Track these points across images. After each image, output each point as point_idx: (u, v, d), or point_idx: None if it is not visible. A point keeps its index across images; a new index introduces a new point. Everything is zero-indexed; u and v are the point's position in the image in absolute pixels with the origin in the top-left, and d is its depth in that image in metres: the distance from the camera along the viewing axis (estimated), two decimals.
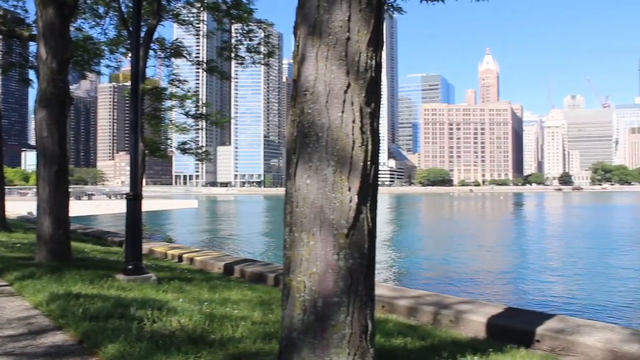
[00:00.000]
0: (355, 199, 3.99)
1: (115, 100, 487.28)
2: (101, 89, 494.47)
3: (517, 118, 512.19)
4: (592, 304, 24.48)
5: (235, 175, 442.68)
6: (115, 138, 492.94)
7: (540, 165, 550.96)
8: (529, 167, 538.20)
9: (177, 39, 25.68)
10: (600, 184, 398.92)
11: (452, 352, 7.02)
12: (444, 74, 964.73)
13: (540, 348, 8.56)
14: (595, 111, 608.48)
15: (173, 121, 28.90)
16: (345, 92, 4.01)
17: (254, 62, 25.12)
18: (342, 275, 3.97)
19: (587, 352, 8.21)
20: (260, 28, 24.55)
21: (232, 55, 24.38)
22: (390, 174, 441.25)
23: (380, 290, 11.50)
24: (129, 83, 11.96)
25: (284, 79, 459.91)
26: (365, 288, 4.14)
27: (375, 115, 4.18)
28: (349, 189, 3.98)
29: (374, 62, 4.15)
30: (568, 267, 35.77)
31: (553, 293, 27.26)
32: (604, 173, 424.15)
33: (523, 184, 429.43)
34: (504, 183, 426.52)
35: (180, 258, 17.53)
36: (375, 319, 5.27)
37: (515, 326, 9.25)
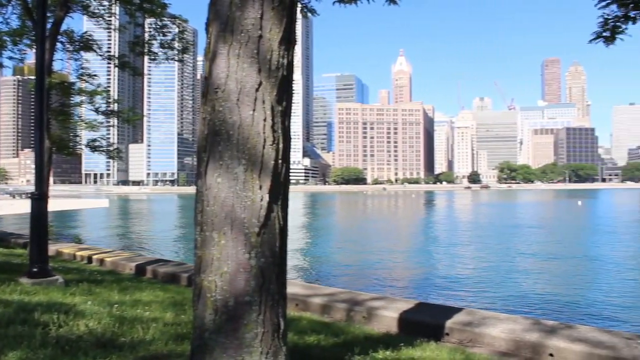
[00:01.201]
0: (267, 197, 3.98)
1: (20, 94, 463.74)
2: (4, 82, 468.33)
3: (428, 118, 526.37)
4: (498, 296, 25.56)
5: (148, 174, 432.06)
6: (19, 134, 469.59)
7: (450, 164, 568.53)
8: (440, 166, 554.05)
9: (86, 32, 24.69)
10: (506, 183, 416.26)
11: (364, 347, 7.13)
12: (358, 74, 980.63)
13: (450, 341, 8.84)
14: (502, 113, 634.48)
15: (82, 117, 27.77)
16: (257, 90, 3.99)
17: (167, 58, 24.53)
18: (253, 274, 3.95)
19: (492, 343, 8.55)
20: (174, 23, 24.00)
21: (145, 50, 23.70)
22: (305, 173, 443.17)
23: (294, 288, 11.53)
24: (34, 77, 11.38)
25: (199, 76, 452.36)
26: (277, 286, 4.14)
27: (286, 114, 4.19)
28: (260, 188, 3.96)
29: (285, 61, 4.15)
30: (477, 261, 37.16)
31: (462, 286, 28.22)
32: (510, 172, 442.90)
33: (434, 183, 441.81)
34: (416, 181, 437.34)
35: (89, 259, 16.95)
36: (289, 317, 5.29)
37: (425, 320, 9.51)
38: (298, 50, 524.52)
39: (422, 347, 7.82)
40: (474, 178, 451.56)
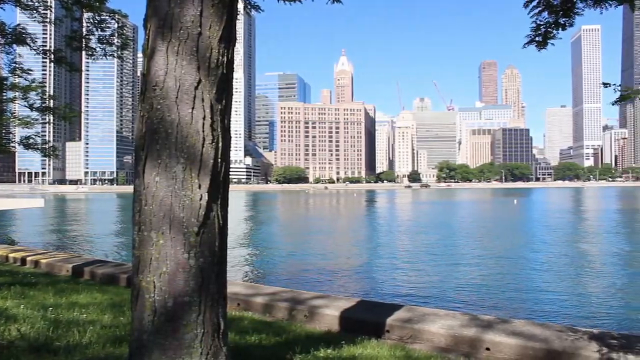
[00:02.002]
0: (206, 196, 3.94)
1: None
2: None
3: (370, 118, 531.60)
4: (438, 292, 26.05)
5: (86, 173, 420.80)
6: None
7: (391, 163, 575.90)
8: (381, 165, 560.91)
9: (19, 25, 23.83)
10: (446, 182, 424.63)
11: (306, 346, 7.15)
12: (301, 73, 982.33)
13: (390, 338, 8.95)
14: (441, 113, 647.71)
15: (15, 114, 26.79)
16: (196, 88, 3.94)
17: (105, 55, 23.91)
18: (192, 274, 3.91)
19: (432, 339, 8.72)
20: (113, 18, 23.41)
21: (82, 46, 23.05)
22: (247, 172, 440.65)
23: (235, 288, 11.48)
24: None
25: (139, 73, 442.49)
26: (217, 286, 4.11)
27: (226, 112, 4.15)
28: (199, 187, 3.92)
29: (225, 59, 4.11)
30: (417, 259, 37.70)
31: (403, 284, 28.63)
32: (449, 171, 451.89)
33: (375, 182, 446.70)
34: (357, 180, 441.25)
35: (23, 261, 16.41)
36: (230, 317, 5.24)
37: (366, 318, 9.61)
38: (240, 48, 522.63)
39: (363, 344, 7.89)
40: (414, 177, 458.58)
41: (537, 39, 7.55)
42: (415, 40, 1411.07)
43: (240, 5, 5.83)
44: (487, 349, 8.21)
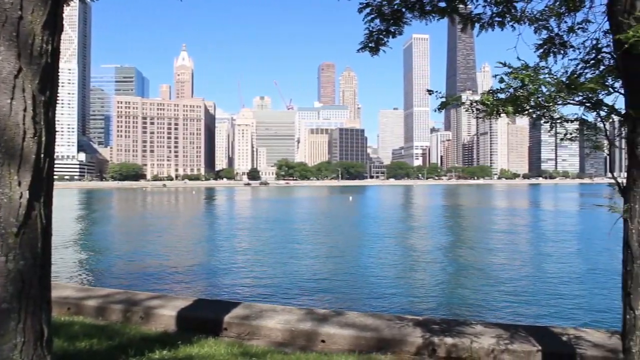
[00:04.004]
0: (26, 194, 3.64)
1: None
2: None
3: (210, 115, 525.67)
4: (277, 288, 26.41)
5: None
6: None
7: (231, 161, 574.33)
8: (221, 163, 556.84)
9: None
10: (285, 179, 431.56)
11: (140, 348, 6.93)
12: (139, 66, 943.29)
13: (228, 335, 8.95)
14: (281, 112, 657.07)
15: None
16: (16, 77, 3.63)
17: None
18: (11, 278, 3.59)
19: (270, 335, 8.85)
20: None
21: None
22: (80, 168, 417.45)
23: (64, 291, 10.81)
24: None
25: None
26: (40, 291, 3.81)
27: (50, 104, 3.86)
28: (19, 184, 3.62)
29: (50, 47, 3.82)
30: (256, 255, 37.95)
31: (242, 281, 28.72)
32: (288, 169, 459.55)
33: (215, 179, 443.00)
34: (196, 178, 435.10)
35: None
36: (59, 322, 4.93)
37: (204, 316, 9.54)
38: (74, 37, 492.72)
39: (200, 343, 7.81)
40: (253, 175, 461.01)
41: (370, 44, 7.89)
42: (257, 39, 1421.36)
43: None
44: (323, 341, 8.49)
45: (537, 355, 7.93)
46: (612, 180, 6.07)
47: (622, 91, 5.91)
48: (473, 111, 6.58)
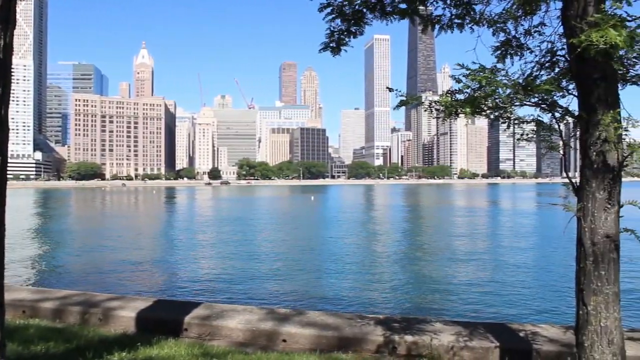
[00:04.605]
0: None
1: None
2: None
3: (170, 114, 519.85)
4: (239, 288, 26.29)
5: None
6: None
7: (191, 160, 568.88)
8: (181, 162, 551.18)
9: None
10: (246, 179, 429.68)
11: (99, 351, 6.83)
12: (98, 64, 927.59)
13: (189, 336, 8.88)
14: (242, 111, 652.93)
15: None
16: None
17: None
18: None
19: (231, 335, 8.82)
20: None
21: None
22: (37, 167, 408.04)
23: (19, 294, 10.58)
24: None
25: None
26: None
27: (3, 102, 3.77)
28: None
29: (1, 42, 3.73)
30: (218, 255, 37.72)
31: (204, 281, 28.49)
32: (249, 169, 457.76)
33: (175, 178, 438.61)
34: (156, 177, 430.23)
35: None
36: (13, 326, 4.80)
37: (164, 317, 9.45)
38: (30, 33, 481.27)
39: (160, 344, 7.73)
40: (214, 174, 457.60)
41: (331, 44, 7.91)
42: (218, 37, 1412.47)
43: None
44: (284, 340, 8.50)
45: (495, 352, 8.08)
46: (567, 180, 6.23)
47: (576, 93, 6.07)
48: (432, 111, 6.68)
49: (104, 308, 9.76)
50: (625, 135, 5.67)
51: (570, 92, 6.25)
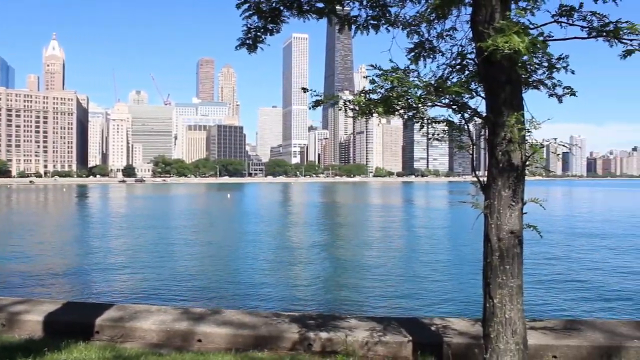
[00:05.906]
0: None
1: None
2: None
3: (82, 109, 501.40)
4: (153, 288, 25.77)
5: None
6: None
7: (105, 157, 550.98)
8: (94, 159, 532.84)
9: None
10: (162, 176, 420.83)
11: (0, 358, 6.55)
12: (4, 55, 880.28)
13: (100, 339, 8.64)
14: (158, 107, 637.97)
15: None
16: None
17: None
18: None
19: (144, 336, 8.65)
20: None
21: None
22: None
23: None
24: None
25: None
26: None
27: None
28: None
29: None
30: (131, 255, 36.74)
31: (116, 282, 27.75)
32: (165, 166, 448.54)
33: (87, 176, 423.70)
34: (67, 174, 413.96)
35: None
36: None
37: (74, 320, 9.14)
38: None
39: (69, 349, 7.49)
40: (129, 171, 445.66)
41: (248, 42, 7.89)
42: (134, 31, 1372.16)
43: None
44: (199, 340, 8.43)
45: (408, 345, 8.33)
46: (476, 179, 6.50)
47: (484, 95, 6.35)
48: (347, 111, 6.81)
49: (8, 312, 9.36)
50: (529, 136, 5.98)
51: (478, 94, 6.52)
